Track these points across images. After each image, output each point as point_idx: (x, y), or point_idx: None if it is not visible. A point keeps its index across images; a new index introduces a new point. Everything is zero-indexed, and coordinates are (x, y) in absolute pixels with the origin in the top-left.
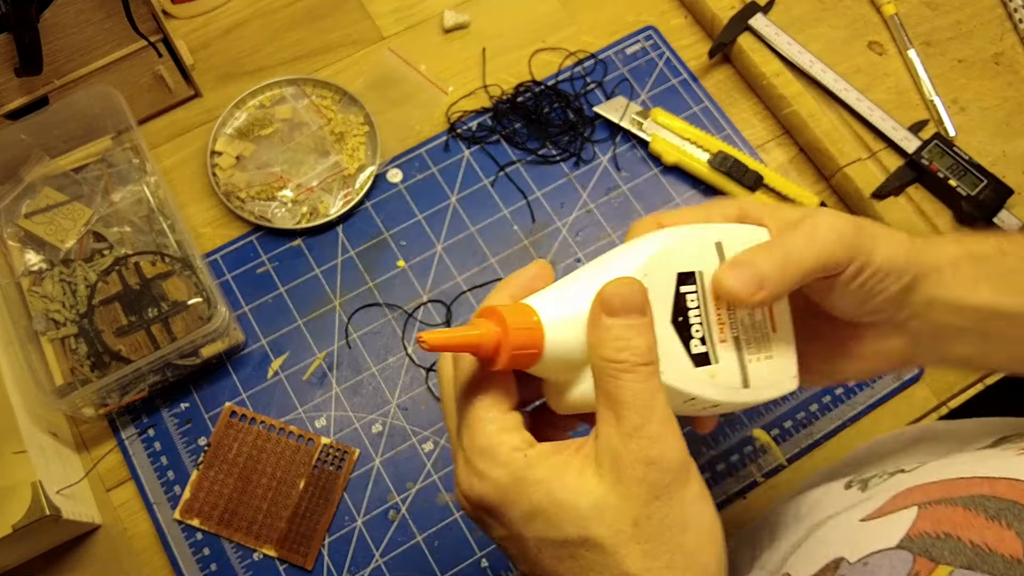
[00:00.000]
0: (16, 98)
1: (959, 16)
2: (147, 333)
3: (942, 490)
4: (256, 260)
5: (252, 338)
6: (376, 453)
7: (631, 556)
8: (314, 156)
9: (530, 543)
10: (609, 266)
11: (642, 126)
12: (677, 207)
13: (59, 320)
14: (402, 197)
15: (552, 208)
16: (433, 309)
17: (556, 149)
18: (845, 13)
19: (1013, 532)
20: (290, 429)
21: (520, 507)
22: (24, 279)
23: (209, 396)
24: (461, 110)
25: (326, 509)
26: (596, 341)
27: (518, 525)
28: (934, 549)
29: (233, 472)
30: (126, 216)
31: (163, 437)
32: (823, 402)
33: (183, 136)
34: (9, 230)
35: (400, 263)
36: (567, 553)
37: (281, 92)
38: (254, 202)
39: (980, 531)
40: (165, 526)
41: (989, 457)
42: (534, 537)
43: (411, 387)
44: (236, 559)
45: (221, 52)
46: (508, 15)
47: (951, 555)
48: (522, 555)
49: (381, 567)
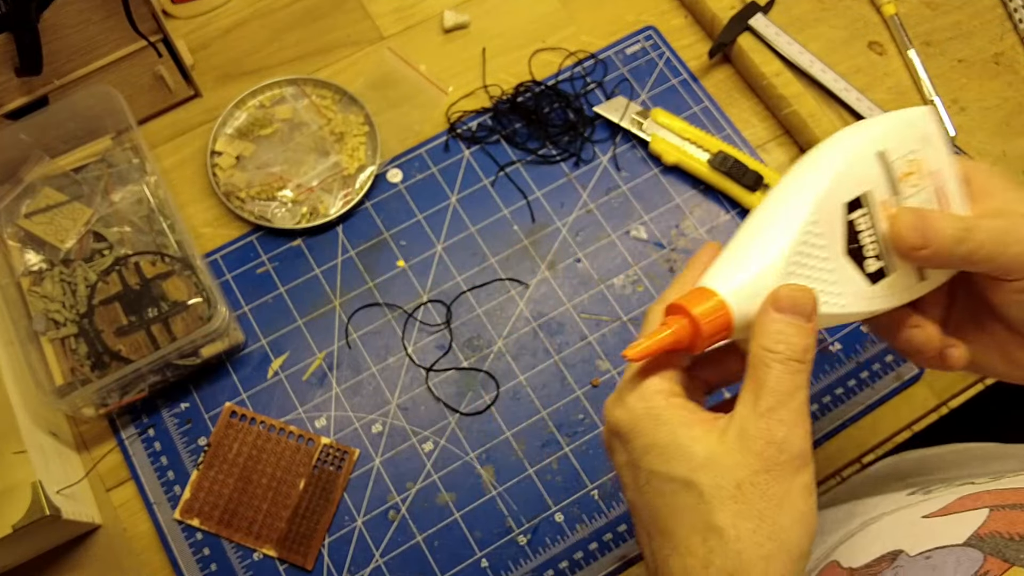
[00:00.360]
0: (16, 98)
1: (959, 16)
2: (147, 333)
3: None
4: (256, 260)
5: (252, 338)
6: (376, 453)
7: (724, 510)
8: (314, 156)
9: (642, 472)
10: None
11: (642, 126)
12: (677, 208)
13: (59, 320)
14: (402, 197)
15: (552, 208)
16: (433, 309)
17: (556, 149)
18: (845, 13)
19: None
20: (290, 429)
21: (644, 438)
22: (24, 279)
23: (209, 396)
24: (461, 110)
25: (326, 509)
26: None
27: (638, 452)
28: (1008, 550)
29: (233, 472)
30: (126, 216)
31: (163, 437)
32: (823, 402)
33: (183, 136)
34: (9, 230)
35: (400, 263)
36: (669, 489)
37: (281, 92)
38: (254, 202)
39: None
40: (165, 526)
41: None
42: (647, 468)
43: (411, 387)
44: (236, 559)
45: (221, 52)
46: (508, 15)
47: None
48: (633, 482)
49: (381, 567)
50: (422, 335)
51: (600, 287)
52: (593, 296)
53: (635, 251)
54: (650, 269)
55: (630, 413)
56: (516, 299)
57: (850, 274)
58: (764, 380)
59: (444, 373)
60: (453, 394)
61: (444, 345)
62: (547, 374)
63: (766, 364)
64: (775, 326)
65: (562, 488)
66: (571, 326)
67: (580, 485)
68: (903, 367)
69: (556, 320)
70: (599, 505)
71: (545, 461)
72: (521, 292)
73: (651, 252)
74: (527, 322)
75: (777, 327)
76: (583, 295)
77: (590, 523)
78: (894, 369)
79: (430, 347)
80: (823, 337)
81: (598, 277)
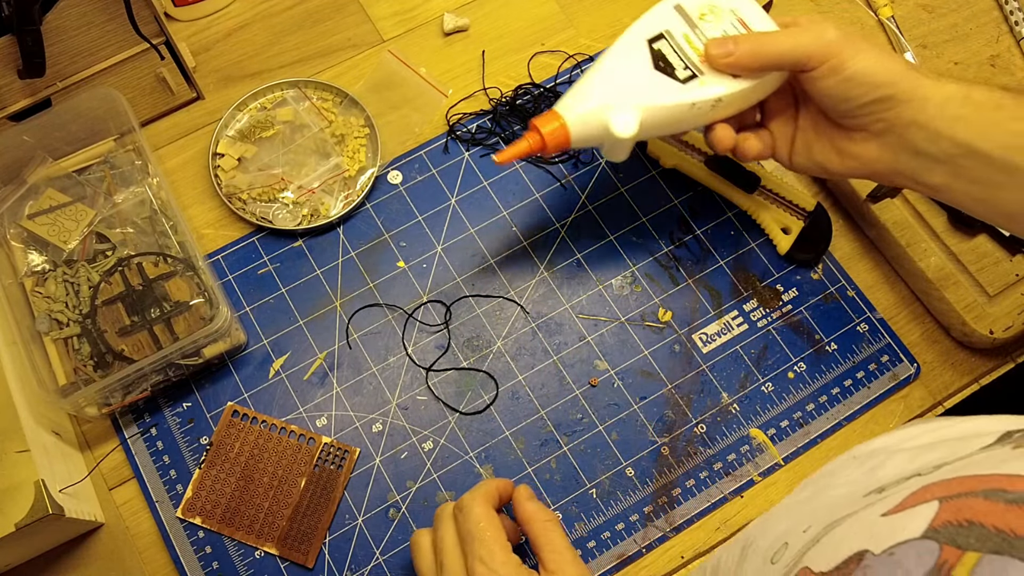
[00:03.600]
0: (19, 100)
1: (955, 19)
2: (150, 333)
3: (961, 486)
4: (258, 261)
5: (254, 338)
6: (376, 452)
7: None
8: (315, 158)
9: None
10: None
11: None
12: (674, 209)
13: (62, 320)
14: (402, 198)
15: (551, 209)
16: (433, 309)
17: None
18: (842, 16)
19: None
20: (291, 428)
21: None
22: (27, 280)
23: (211, 396)
24: (461, 112)
25: (327, 508)
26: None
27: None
28: (960, 537)
29: (235, 471)
30: (129, 217)
31: (165, 436)
32: (819, 402)
33: (185, 138)
34: (12, 231)
35: (400, 264)
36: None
37: (282, 94)
38: (256, 203)
39: (1002, 516)
40: (167, 524)
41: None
42: None
43: (411, 387)
44: (238, 557)
45: (223, 55)
46: (507, 18)
47: (977, 541)
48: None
49: (381, 565)
50: (422, 335)
51: (598, 288)
52: (591, 297)
53: (633, 252)
54: (648, 270)
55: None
56: (515, 300)
57: (662, 80)
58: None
59: (444, 373)
60: (453, 394)
61: (444, 345)
62: (546, 374)
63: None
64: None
65: (560, 487)
66: (570, 326)
67: (578, 484)
68: (899, 367)
69: (555, 320)
70: (597, 504)
71: (544, 460)
72: (520, 293)
73: (649, 253)
74: (526, 322)
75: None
76: (581, 296)
77: (588, 522)
78: (890, 369)
79: (430, 347)
80: (820, 337)
81: (596, 278)
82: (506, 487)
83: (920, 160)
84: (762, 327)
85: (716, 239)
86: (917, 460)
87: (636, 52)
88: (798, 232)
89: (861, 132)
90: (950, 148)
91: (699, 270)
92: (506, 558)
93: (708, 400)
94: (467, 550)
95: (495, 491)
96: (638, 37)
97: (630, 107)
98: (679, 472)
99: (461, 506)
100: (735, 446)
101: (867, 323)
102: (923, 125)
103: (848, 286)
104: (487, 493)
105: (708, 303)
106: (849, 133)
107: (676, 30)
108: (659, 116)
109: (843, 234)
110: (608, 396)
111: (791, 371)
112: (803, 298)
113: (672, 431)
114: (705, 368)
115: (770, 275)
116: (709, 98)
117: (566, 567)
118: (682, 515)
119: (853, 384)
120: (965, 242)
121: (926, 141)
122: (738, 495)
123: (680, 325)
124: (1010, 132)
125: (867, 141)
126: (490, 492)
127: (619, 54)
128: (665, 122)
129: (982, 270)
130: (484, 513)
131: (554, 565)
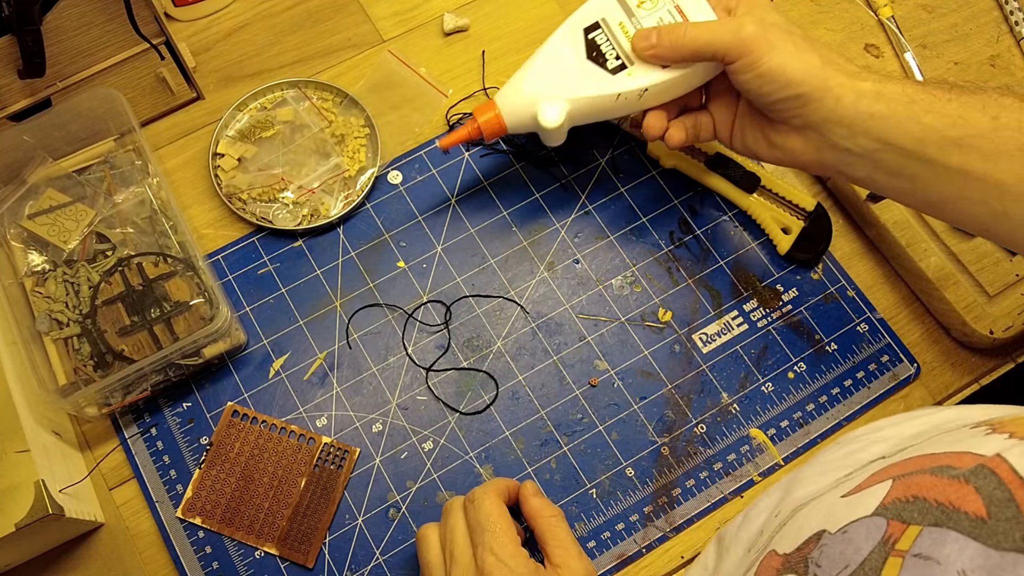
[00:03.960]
0: (19, 100)
1: (955, 19)
2: (150, 333)
3: (914, 465)
4: (258, 261)
5: (254, 338)
6: (376, 452)
7: None
8: (315, 158)
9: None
10: (545, 49)
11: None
12: (674, 209)
13: (62, 320)
14: (402, 198)
15: (551, 209)
16: (433, 309)
17: (554, 151)
18: (842, 16)
19: (972, 488)
20: (291, 428)
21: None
22: (27, 280)
23: (211, 396)
24: (461, 112)
25: (327, 508)
26: (537, 511)
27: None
28: (905, 512)
29: (235, 471)
30: (129, 217)
31: (165, 436)
32: (819, 402)
33: (185, 138)
34: (12, 231)
35: (400, 264)
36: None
37: (282, 94)
38: (256, 203)
39: (944, 490)
40: (167, 524)
41: (963, 437)
42: None
43: (411, 387)
44: (238, 557)
45: (223, 55)
46: (507, 18)
47: (919, 515)
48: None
49: (381, 565)
50: (422, 335)
51: (598, 288)
52: (591, 297)
53: (633, 252)
54: (648, 270)
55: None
56: (515, 300)
57: (593, 70)
58: (558, 535)
59: (444, 373)
60: (453, 394)
61: (444, 345)
62: (546, 374)
63: (553, 525)
64: (538, 501)
65: (560, 487)
66: (569, 326)
67: (578, 484)
68: (899, 367)
69: (555, 320)
70: (597, 504)
71: (544, 460)
72: (520, 293)
73: (649, 253)
74: (526, 322)
75: (540, 503)
76: (581, 296)
77: (588, 522)
78: (890, 369)
79: (430, 347)
80: (820, 337)
81: (596, 278)
82: (514, 487)
83: (840, 154)
84: (762, 327)
85: (716, 239)
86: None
87: (572, 41)
88: (798, 232)
89: (783, 125)
90: (867, 143)
91: (699, 270)
92: (516, 550)
93: (708, 400)
94: (477, 541)
95: (505, 488)
96: (577, 26)
97: (558, 99)
98: (679, 472)
99: (472, 498)
100: (735, 446)
101: (867, 323)
102: (838, 122)
103: (848, 286)
104: (498, 488)
105: (708, 303)
106: (774, 125)
107: (613, 18)
108: (587, 106)
109: (843, 234)
110: (608, 396)
111: (791, 371)
112: (803, 298)
113: (672, 431)
114: (705, 368)
115: (770, 275)
116: (635, 88)
117: (571, 561)
118: (682, 515)
119: (853, 384)
120: (965, 242)
121: (843, 137)
122: (738, 495)
123: (680, 325)
124: (922, 125)
125: (790, 134)
126: (500, 488)
127: (556, 43)
128: (593, 111)
129: (982, 270)
130: (495, 506)
131: (559, 559)
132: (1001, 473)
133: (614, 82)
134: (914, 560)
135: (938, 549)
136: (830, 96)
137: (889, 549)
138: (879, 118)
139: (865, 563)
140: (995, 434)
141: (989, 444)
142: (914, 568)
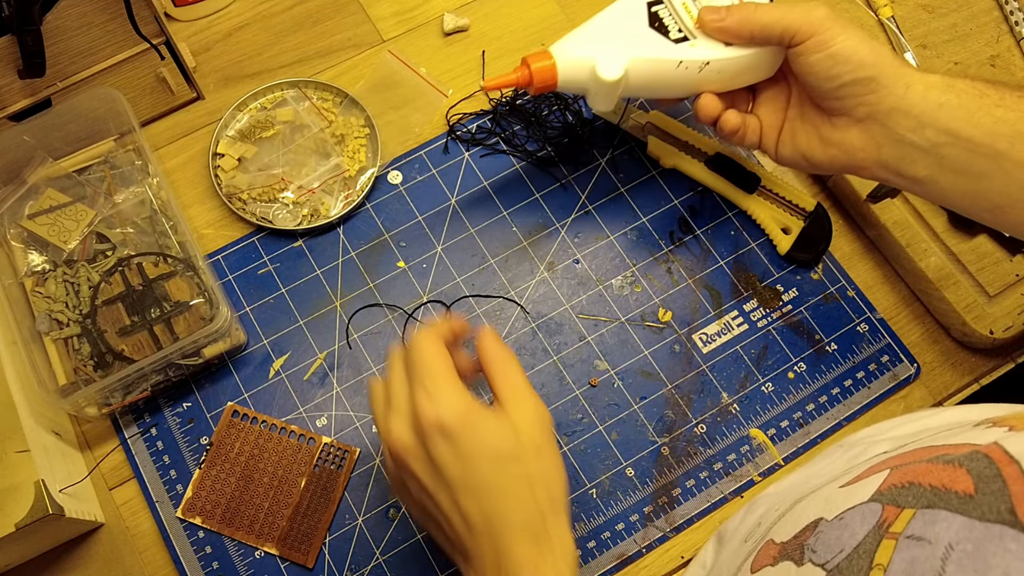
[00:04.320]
0: (19, 100)
1: (955, 19)
2: (150, 333)
3: (913, 456)
4: (258, 261)
5: (254, 338)
6: (376, 452)
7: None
8: (315, 158)
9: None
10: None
11: (640, 128)
12: (675, 209)
13: (62, 320)
14: (402, 198)
15: (551, 209)
16: (433, 310)
17: (555, 151)
18: (842, 16)
19: (964, 470)
20: (291, 428)
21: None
22: (27, 280)
23: (211, 396)
24: (461, 112)
25: (327, 508)
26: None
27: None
28: (900, 497)
29: (235, 471)
30: (129, 217)
31: (165, 436)
32: (819, 402)
33: (185, 138)
34: (12, 231)
35: (400, 264)
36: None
37: (282, 94)
38: (256, 203)
39: (937, 475)
40: (167, 524)
41: (962, 432)
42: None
43: None
44: (238, 557)
45: (223, 55)
46: (507, 18)
47: (913, 499)
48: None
49: (381, 564)
50: None
51: (598, 288)
52: (591, 297)
53: (633, 252)
54: (648, 270)
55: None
56: (515, 300)
57: (655, 37)
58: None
59: None
60: None
61: None
62: (546, 374)
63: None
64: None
65: None
66: (569, 326)
67: (578, 484)
68: (899, 367)
69: (555, 320)
70: (597, 503)
71: None
72: (520, 293)
73: (649, 253)
74: (526, 322)
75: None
76: (581, 296)
77: (588, 522)
78: (890, 369)
79: None
80: (820, 337)
81: (596, 278)
82: (461, 327)
83: (903, 149)
84: (762, 327)
85: (716, 239)
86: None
87: (634, 11)
88: (798, 232)
89: (844, 117)
90: (934, 136)
91: (699, 270)
92: (450, 388)
93: (708, 400)
94: (412, 382)
95: (448, 329)
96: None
97: (619, 54)
98: (679, 472)
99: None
100: (735, 446)
101: (867, 323)
102: (906, 112)
103: (848, 286)
104: (439, 330)
105: (708, 303)
106: (832, 119)
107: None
108: (646, 69)
109: (843, 234)
110: (608, 396)
111: (791, 371)
112: (803, 298)
113: (672, 431)
114: (705, 368)
115: (770, 275)
116: (698, 59)
117: (522, 402)
118: (682, 515)
119: (853, 384)
120: (965, 242)
121: (909, 129)
122: (738, 495)
123: (680, 325)
124: (994, 118)
125: (850, 128)
126: (442, 330)
127: (618, 11)
128: (652, 77)
129: (982, 270)
130: (429, 346)
131: (508, 399)
132: (992, 455)
133: (677, 50)
134: (907, 541)
135: (929, 529)
136: (900, 83)
137: (883, 532)
138: (949, 108)
139: (859, 547)
140: (995, 428)
141: (988, 436)
142: (907, 549)
